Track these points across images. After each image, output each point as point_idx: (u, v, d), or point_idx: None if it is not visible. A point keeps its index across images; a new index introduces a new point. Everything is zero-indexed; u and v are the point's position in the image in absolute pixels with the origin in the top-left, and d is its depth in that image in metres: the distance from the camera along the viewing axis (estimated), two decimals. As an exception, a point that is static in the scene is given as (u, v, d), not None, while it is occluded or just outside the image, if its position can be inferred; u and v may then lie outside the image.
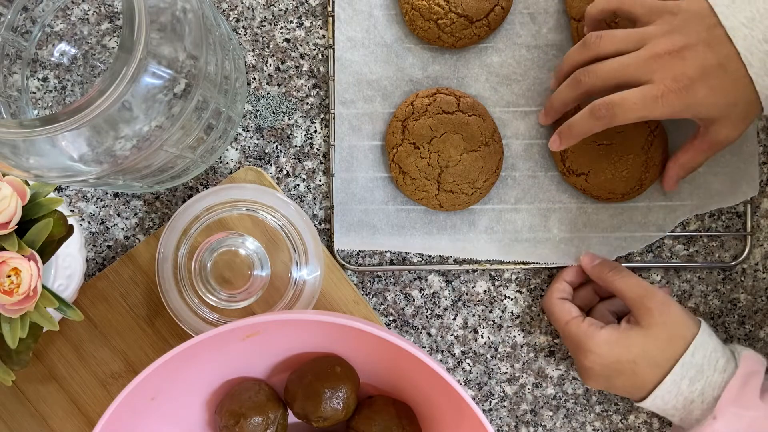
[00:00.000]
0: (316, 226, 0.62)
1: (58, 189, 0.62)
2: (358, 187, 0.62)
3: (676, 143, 0.60)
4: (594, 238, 0.61)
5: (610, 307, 0.60)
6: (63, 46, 0.61)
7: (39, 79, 0.61)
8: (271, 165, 0.62)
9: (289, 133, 0.62)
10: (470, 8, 0.58)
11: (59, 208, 0.50)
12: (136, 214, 0.63)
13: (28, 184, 0.48)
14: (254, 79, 0.62)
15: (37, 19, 0.60)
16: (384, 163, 0.62)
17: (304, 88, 0.62)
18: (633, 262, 0.62)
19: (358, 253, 0.63)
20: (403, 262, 0.63)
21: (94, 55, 0.61)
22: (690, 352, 0.53)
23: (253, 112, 0.62)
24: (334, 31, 0.61)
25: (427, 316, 0.63)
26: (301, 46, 0.62)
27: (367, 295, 0.63)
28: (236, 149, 0.62)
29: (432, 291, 0.63)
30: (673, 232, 0.62)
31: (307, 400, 0.54)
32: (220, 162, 0.62)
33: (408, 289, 0.63)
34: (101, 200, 0.63)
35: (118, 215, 0.63)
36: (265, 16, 0.62)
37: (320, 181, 0.63)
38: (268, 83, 0.62)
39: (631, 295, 0.56)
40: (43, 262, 0.48)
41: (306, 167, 0.62)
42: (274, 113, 0.62)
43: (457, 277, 0.63)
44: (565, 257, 0.61)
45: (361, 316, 0.61)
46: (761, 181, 0.62)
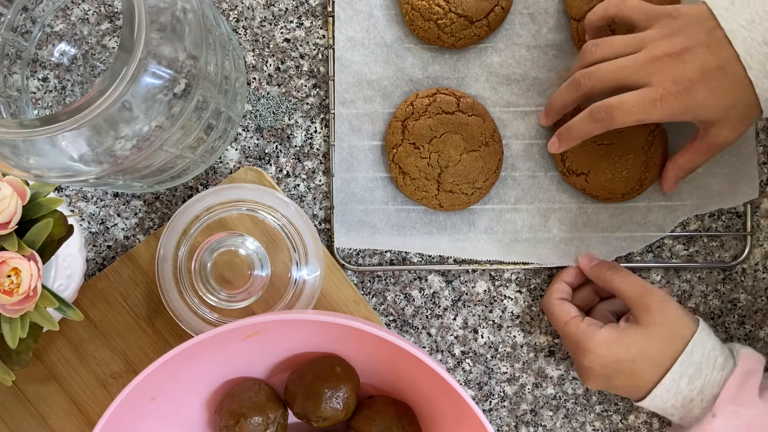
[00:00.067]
0: (316, 226, 0.62)
1: (58, 189, 0.62)
2: (358, 187, 0.62)
3: (676, 143, 0.60)
4: (594, 238, 0.61)
5: (610, 307, 0.60)
6: (63, 46, 0.61)
7: (39, 79, 0.61)
8: (271, 165, 0.62)
9: (289, 133, 0.62)
10: (470, 8, 0.58)
11: (59, 208, 0.50)
12: (136, 214, 0.63)
13: (28, 184, 0.48)
14: (254, 79, 0.62)
15: (37, 19, 0.60)
16: (384, 163, 0.62)
17: (304, 88, 0.62)
18: (633, 262, 0.62)
19: (358, 253, 0.63)
20: (403, 262, 0.63)
21: (94, 55, 0.61)
22: (689, 351, 0.53)
23: (253, 112, 0.62)
24: (334, 31, 0.61)
25: (427, 316, 0.63)
26: (301, 46, 0.62)
27: (367, 295, 0.63)
28: (236, 149, 0.62)
29: (432, 291, 0.63)
30: (673, 232, 0.62)
31: (307, 400, 0.54)
32: (220, 162, 0.62)
33: (408, 289, 0.63)
34: (101, 200, 0.63)
35: (118, 215, 0.63)
36: (265, 16, 0.62)
37: (320, 181, 0.63)
38: (268, 83, 0.62)
39: (629, 294, 0.56)
40: (43, 262, 0.48)
41: (306, 167, 0.62)
42: (274, 113, 0.62)
43: (457, 277, 0.63)
44: (565, 257, 0.61)
45: (361, 316, 0.61)
46: (761, 181, 0.62)
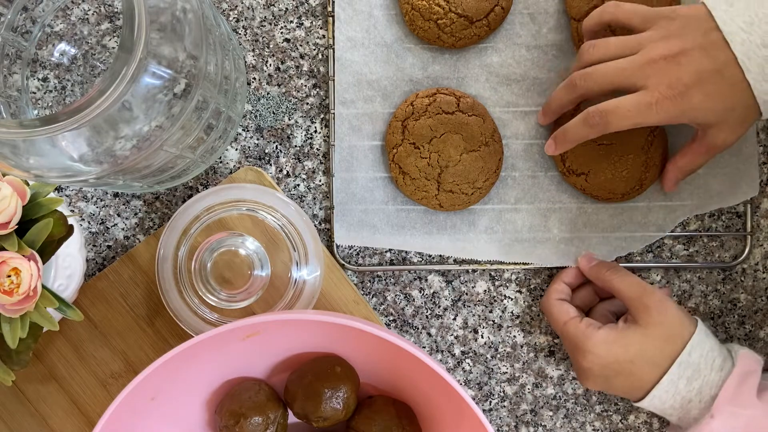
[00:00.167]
0: (316, 226, 0.62)
1: (58, 189, 0.62)
2: (358, 187, 0.62)
3: (676, 143, 0.60)
4: (594, 238, 0.61)
5: (610, 307, 0.60)
6: (63, 46, 0.61)
7: (39, 79, 0.61)
8: (271, 165, 0.62)
9: (289, 133, 0.62)
10: (470, 8, 0.58)
11: (59, 208, 0.50)
12: (136, 214, 0.63)
13: (28, 184, 0.47)
14: (254, 79, 0.62)
15: (37, 19, 0.60)
16: (384, 163, 0.62)
17: (304, 88, 0.62)
18: (633, 262, 0.62)
19: (358, 253, 0.63)
20: (403, 262, 0.63)
21: (94, 55, 0.61)
22: (687, 351, 0.53)
23: (253, 112, 0.62)
24: (334, 31, 0.61)
25: (427, 316, 0.63)
26: (301, 46, 0.62)
27: (367, 295, 0.63)
28: (236, 149, 0.62)
29: (432, 291, 0.63)
30: (673, 232, 0.62)
31: (307, 400, 0.54)
32: (220, 162, 0.62)
33: (408, 289, 0.63)
34: (101, 200, 0.63)
35: (118, 215, 0.63)
36: (265, 16, 0.62)
37: (320, 181, 0.63)
38: (268, 83, 0.62)
39: (629, 294, 0.56)
40: (43, 262, 0.48)
41: (306, 167, 0.62)
42: (274, 113, 0.62)
43: (457, 277, 0.63)
44: (565, 257, 0.61)
45: (361, 316, 0.61)
46: (761, 181, 0.62)
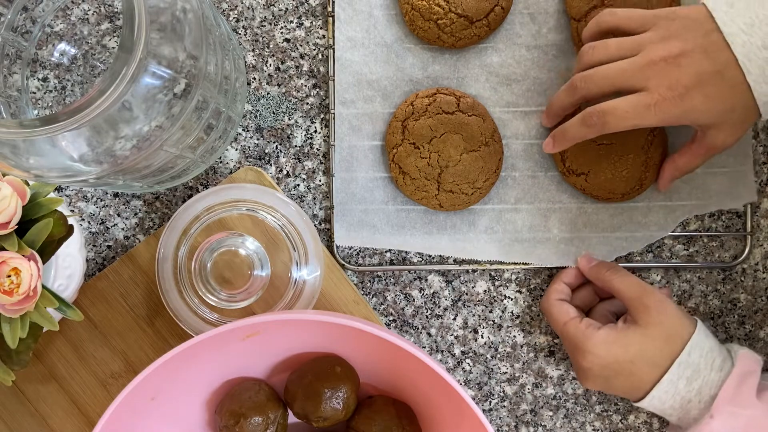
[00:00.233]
0: (316, 226, 0.62)
1: (58, 189, 0.62)
2: (358, 187, 0.62)
3: (676, 143, 0.60)
4: (594, 238, 0.61)
5: (611, 307, 0.60)
6: (63, 46, 0.61)
7: (39, 79, 0.61)
8: (271, 165, 0.62)
9: (289, 133, 0.62)
10: (470, 8, 0.58)
11: (59, 208, 0.50)
12: (136, 214, 0.63)
13: (28, 184, 0.47)
14: (254, 79, 0.62)
15: (37, 19, 0.60)
16: (384, 163, 0.62)
17: (304, 88, 0.62)
18: (633, 262, 0.62)
19: (358, 253, 0.63)
20: (403, 262, 0.63)
21: (94, 55, 0.61)
22: (687, 352, 0.53)
23: (253, 112, 0.62)
24: (334, 31, 0.61)
25: (427, 316, 0.63)
26: (301, 46, 0.62)
27: (367, 295, 0.63)
28: (236, 149, 0.62)
29: (432, 291, 0.63)
30: (673, 232, 0.62)
31: (307, 400, 0.54)
32: (220, 162, 0.62)
33: (408, 289, 0.63)
34: (101, 200, 0.63)
35: (118, 215, 0.63)
36: (265, 16, 0.62)
37: (320, 181, 0.63)
38: (268, 83, 0.62)
39: (628, 294, 0.56)
40: (43, 262, 0.48)
41: (306, 167, 0.62)
42: (274, 113, 0.62)
43: (457, 277, 0.63)
44: (565, 257, 0.61)
45: (361, 316, 0.61)
46: (761, 181, 0.62)
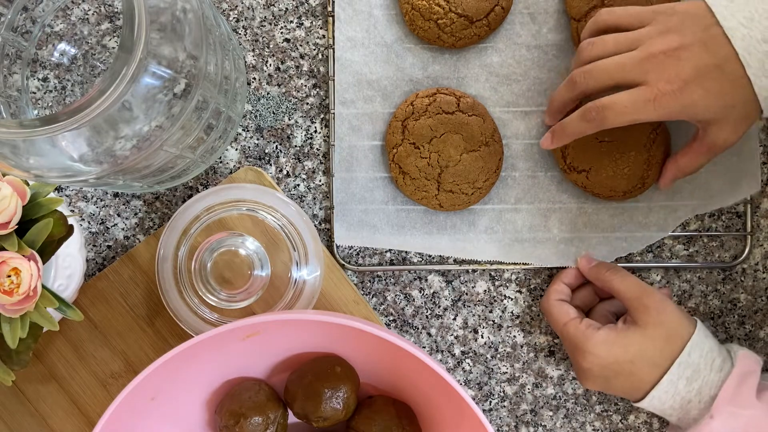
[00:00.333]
0: (316, 226, 0.62)
1: (58, 189, 0.62)
2: (358, 187, 0.62)
3: (679, 144, 0.59)
4: (594, 238, 0.61)
5: (611, 307, 0.60)
6: (63, 46, 0.61)
7: (39, 79, 0.61)
8: (271, 165, 0.62)
9: (289, 133, 0.62)
10: (470, 8, 0.58)
11: (59, 208, 0.50)
12: (136, 214, 0.63)
13: (28, 184, 0.48)
14: (254, 79, 0.62)
15: (37, 19, 0.60)
16: (384, 163, 0.62)
17: (304, 88, 0.62)
18: (633, 262, 0.62)
19: (358, 253, 0.63)
20: (403, 262, 0.63)
21: (94, 55, 0.61)
22: (687, 352, 0.53)
23: (253, 112, 0.62)
24: (334, 31, 0.61)
25: (427, 316, 0.63)
26: (301, 46, 0.62)
27: (367, 295, 0.63)
28: (236, 149, 0.62)
29: (432, 291, 0.63)
30: (673, 232, 0.62)
31: (307, 400, 0.54)
32: (220, 162, 0.62)
33: (408, 289, 0.63)
34: (101, 200, 0.63)
35: (118, 215, 0.63)
36: (265, 16, 0.62)
37: (320, 181, 0.63)
38: (268, 83, 0.62)
39: (628, 294, 0.56)
40: (43, 262, 0.48)
41: (306, 167, 0.62)
42: (274, 113, 0.62)
43: (457, 277, 0.63)
44: (565, 258, 0.61)
45: (361, 316, 0.61)
46: (762, 181, 0.62)
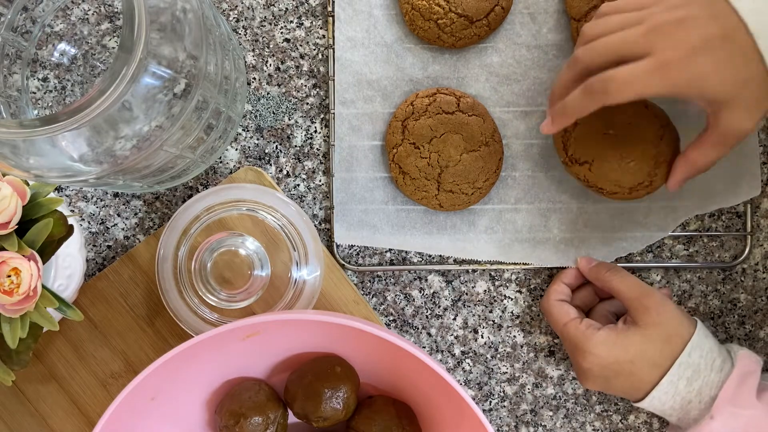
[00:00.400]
0: (316, 226, 0.62)
1: (58, 189, 0.62)
2: (358, 187, 0.62)
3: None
4: (594, 238, 0.61)
5: (611, 307, 0.60)
6: (63, 46, 0.61)
7: (39, 79, 0.61)
8: (271, 165, 0.62)
9: (289, 133, 0.62)
10: (470, 8, 0.58)
11: (59, 208, 0.50)
12: (136, 214, 0.63)
13: (28, 184, 0.48)
14: (254, 79, 0.62)
15: (37, 19, 0.60)
16: (384, 163, 0.62)
17: (304, 88, 0.62)
18: (633, 262, 0.62)
19: (358, 253, 0.63)
20: (403, 262, 0.63)
21: (94, 55, 0.61)
22: (687, 352, 0.53)
23: (253, 112, 0.62)
24: (334, 31, 0.61)
25: (427, 316, 0.63)
26: (301, 46, 0.62)
27: (367, 295, 0.63)
28: (236, 149, 0.62)
29: (432, 291, 0.63)
30: (673, 232, 0.62)
31: (307, 400, 0.54)
32: (220, 162, 0.62)
33: (408, 289, 0.63)
34: (101, 200, 0.63)
35: (118, 215, 0.63)
36: (265, 16, 0.62)
37: (320, 181, 0.63)
38: (268, 83, 0.62)
39: (628, 294, 0.56)
40: (43, 262, 0.48)
41: (306, 167, 0.62)
42: (274, 113, 0.62)
43: (457, 277, 0.63)
44: (565, 258, 0.61)
45: (361, 316, 0.61)
46: (762, 181, 0.62)
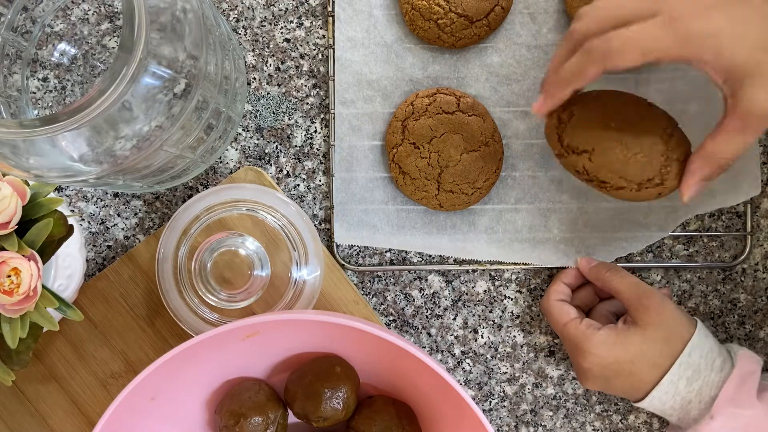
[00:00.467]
0: (316, 226, 0.62)
1: (58, 189, 0.62)
2: (358, 187, 0.62)
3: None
4: (594, 238, 0.61)
5: (610, 307, 0.60)
6: (63, 46, 0.61)
7: (39, 79, 0.61)
8: (271, 165, 0.62)
9: (289, 133, 0.62)
10: (470, 8, 0.58)
11: (59, 208, 0.50)
12: (136, 214, 0.63)
13: (28, 184, 0.48)
14: (254, 79, 0.62)
15: (37, 19, 0.60)
16: (384, 163, 0.62)
17: (304, 88, 0.62)
18: (633, 262, 0.62)
19: (358, 253, 0.63)
20: (403, 262, 0.63)
21: (94, 55, 0.61)
22: (687, 352, 0.53)
23: (253, 112, 0.62)
24: (334, 31, 0.61)
25: (427, 316, 0.63)
26: (301, 46, 0.62)
27: (367, 295, 0.63)
28: (236, 149, 0.62)
29: (432, 291, 0.63)
30: (673, 232, 0.62)
31: (307, 400, 0.54)
32: (220, 162, 0.62)
33: (408, 289, 0.63)
34: (101, 200, 0.63)
35: (118, 215, 0.63)
36: (265, 16, 0.62)
37: (320, 181, 0.63)
38: (268, 83, 0.62)
39: (628, 294, 0.56)
40: (43, 262, 0.48)
41: (306, 167, 0.62)
42: (274, 113, 0.62)
43: (457, 277, 0.63)
44: (565, 258, 0.61)
45: (361, 316, 0.61)
46: (763, 181, 0.62)
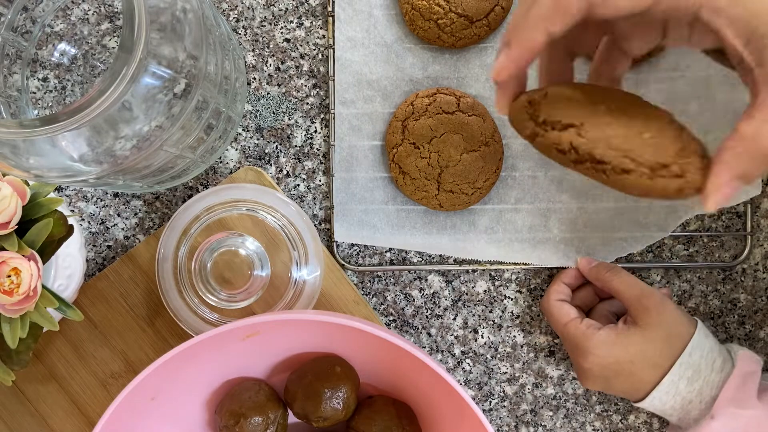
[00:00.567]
0: (316, 226, 0.62)
1: (58, 189, 0.62)
2: (358, 187, 0.62)
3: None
4: (594, 238, 0.61)
5: (611, 307, 0.60)
6: (63, 46, 0.61)
7: (39, 79, 0.61)
8: (271, 165, 0.62)
9: (289, 133, 0.62)
10: (470, 8, 0.58)
11: (59, 208, 0.50)
12: (136, 214, 0.63)
13: (28, 184, 0.48)
14: (254, 79, 0.62)
15: (37, 19, 0.60)
16: (384, 163, 0.62)
17: (304, 88, 0.62)
18: (633, 262, 0.62)
19: (358, 253, 0.63)
20: (403, 262, 0.63)
21: (94, 55, 0.61)
22: (687, 352, 0.53)
23: (253, 112, 0.62)
24: (334, 31, 0.61)
25: (427, 316, 0.63)
26: (301, 46, 0.62)
27: (367, 295, 0.63)
28: (236, 149, 0.62)
29: (432, 291, 0.63)
30: (673, 232, 0.62)
31: (307, 400, 0.54)
32: (220, 162, 0.62)
33: (408, 289, 0.63)
34: (101, 200, 0.63)
35: (118, 215, 0.63)
36: (265, 16, 0.62)
37: (320, 181, 0.63)
38: (268, 83, 0.62)
39: (628, 295, 0.56)
40: (43, 262, 0.48)
41: (306, 167, 0.62)
42: (274, 113, 0.62)
43: (457, 277, 0.63)
44: (565, 258, 0.61)
45: (361, 316, 0.61)
46: (762, 180, 0.62)
